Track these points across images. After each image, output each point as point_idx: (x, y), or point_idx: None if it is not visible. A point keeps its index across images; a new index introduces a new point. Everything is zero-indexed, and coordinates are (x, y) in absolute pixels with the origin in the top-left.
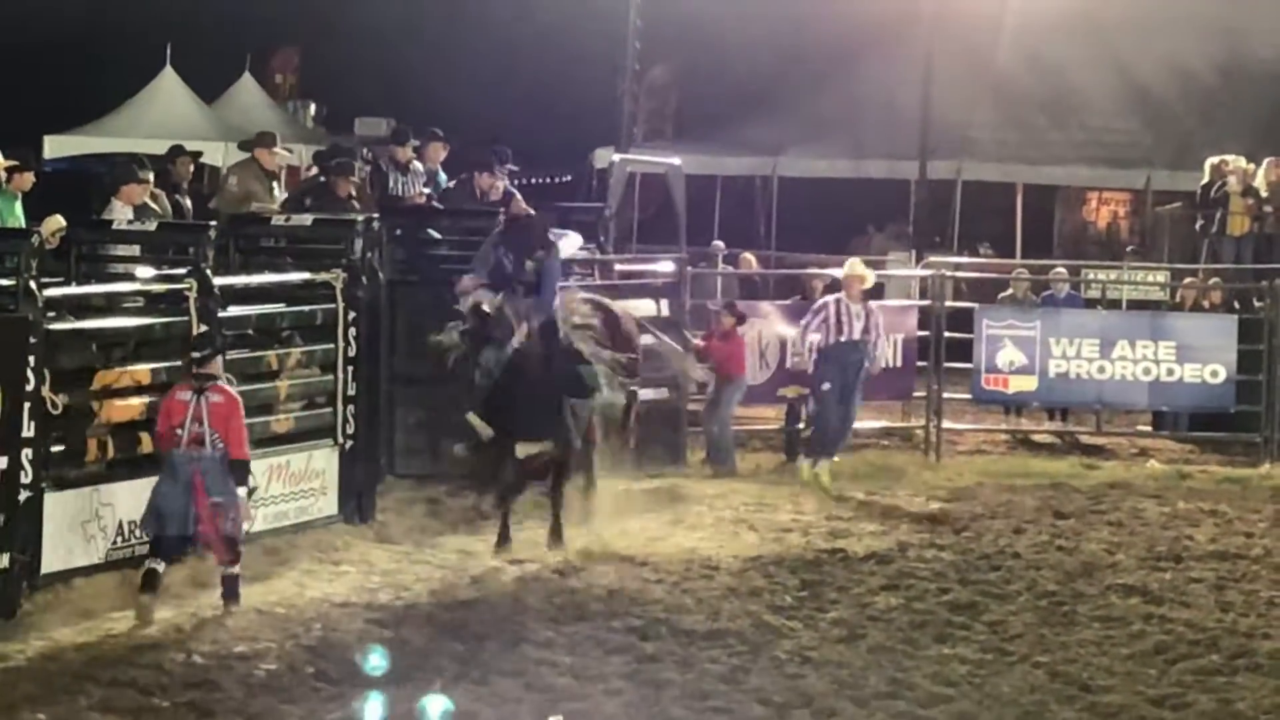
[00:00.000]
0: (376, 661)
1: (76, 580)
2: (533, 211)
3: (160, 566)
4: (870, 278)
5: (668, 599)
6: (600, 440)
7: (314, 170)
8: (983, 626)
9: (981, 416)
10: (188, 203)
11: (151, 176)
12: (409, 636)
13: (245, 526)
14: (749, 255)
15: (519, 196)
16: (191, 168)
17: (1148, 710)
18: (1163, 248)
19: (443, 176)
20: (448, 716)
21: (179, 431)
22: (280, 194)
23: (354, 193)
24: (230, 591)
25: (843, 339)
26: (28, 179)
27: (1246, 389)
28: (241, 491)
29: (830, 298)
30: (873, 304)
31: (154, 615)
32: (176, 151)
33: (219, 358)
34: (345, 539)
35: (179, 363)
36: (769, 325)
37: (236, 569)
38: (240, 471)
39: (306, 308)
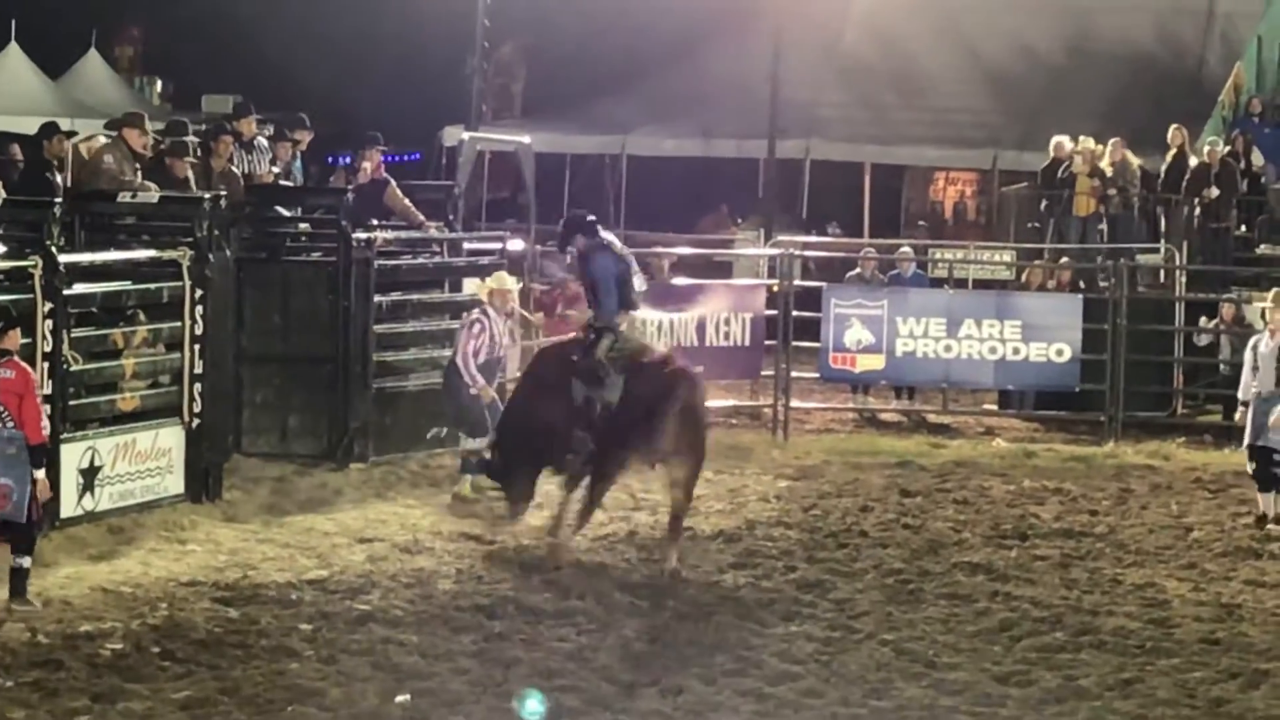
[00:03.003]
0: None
1: None
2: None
3: None
4: (515, 292)
5: (515, 577)
6: None
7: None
8: (830, 604)
9: (829, 395)
10: (58, 179)
11: None
12: (256, 616)
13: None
14: None
15: (394, 184)
16: (67, 146)
17: (993, 687)
18: (1009, 227)
19: (298, 165)
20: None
21: None
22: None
23: (190, 174)
24: (18, 588)
25: (498, 353)
26: None
27: (1091, 368)
28: (40, 474)
29: (477, 312)
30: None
31: None
32: (51, 130)
33: (14, 331)
34: (192, 518)
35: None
36: None
37: (27, 561)
38: (37, 455)
39: (153, 285)
